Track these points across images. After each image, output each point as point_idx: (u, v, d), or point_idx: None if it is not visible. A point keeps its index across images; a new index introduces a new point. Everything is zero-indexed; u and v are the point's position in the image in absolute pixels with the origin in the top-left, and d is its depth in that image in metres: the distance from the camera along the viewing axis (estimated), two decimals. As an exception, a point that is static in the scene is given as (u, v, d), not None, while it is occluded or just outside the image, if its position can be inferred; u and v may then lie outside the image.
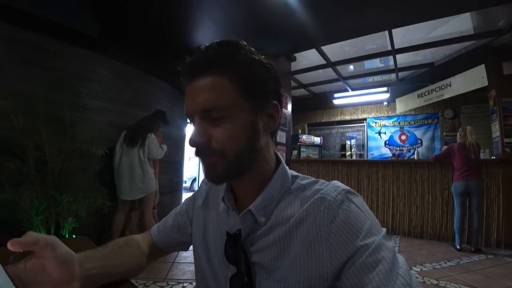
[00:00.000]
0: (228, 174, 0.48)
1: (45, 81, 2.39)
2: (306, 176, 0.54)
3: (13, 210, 2.08)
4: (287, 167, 0.55)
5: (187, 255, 2.80)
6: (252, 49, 0.49)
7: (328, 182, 0.50)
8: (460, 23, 3.48)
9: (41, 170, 2.21)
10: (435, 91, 4.95)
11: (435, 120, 6.11)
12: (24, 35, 2.43)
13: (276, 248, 0.47)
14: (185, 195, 5.33)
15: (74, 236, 2.34)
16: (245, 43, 0.49)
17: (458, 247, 3.29)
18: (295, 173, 0.55)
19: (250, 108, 0.47)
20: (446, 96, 4.75)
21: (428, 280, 2.41)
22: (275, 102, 0.50)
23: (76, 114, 2.43)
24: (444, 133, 5.86)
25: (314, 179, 0.53)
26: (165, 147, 3.12)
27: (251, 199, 0.50)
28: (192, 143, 0.46)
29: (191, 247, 0.67)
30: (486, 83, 3.97)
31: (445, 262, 2.89)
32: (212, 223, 0.60)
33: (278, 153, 0.56)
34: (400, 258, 0.41)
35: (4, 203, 2.01)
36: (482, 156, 3.58)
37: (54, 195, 2.18)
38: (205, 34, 3.25)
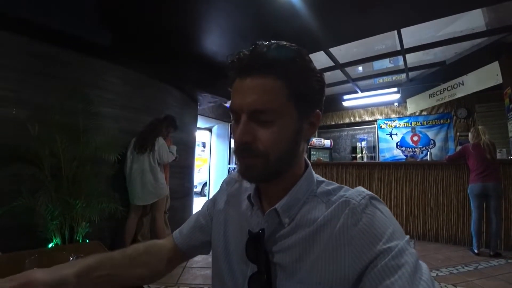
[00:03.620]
0: (266, 176, 0.49)
1: (59, 90, 2.47)
2: (331, 181, 0.55)
3: (30, 216, 2.15)
4: (313, 172, 0.55)
5: (199, 260, 2.81)
6: (309, 57, 0.50)
7: (352, 189, 0.51)
8: (471, 20, 3.40)
9: (56, 177, 2.28)
10: (447, 90, 4.83)
11: (448, 120, 5.96)
12: (39, 47, 2.53)
13: (298, 249, 0.47)
14: (196, 200, 5.36)
15: (87, 240, 2.39)
16: (305, 50, 0.49)
17: (476, 251, 3.18)
18: (320, 178, 0.56)
19: (298, 115, 0.48)
20: (459, 95, 4.64)
21: (445, 286, 2.33)
22: (318, 111, 0.51)
23: (89, 122, 2.51)
24: (458, 133, 5.71)
25: (339, 185, 0.53)
26: (174, 148, 3.15)
27: (277, 200, 0.51)
28: (237, 141, 0.47)
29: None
30: (501, 81, 3.85)
31: (463, 267, 2.79)
32: (233, 221, 0.60)
33: (306, 158, 0.57)
34: (423, 264, 0.40)
35: (22, 209, 2.08)
36: (498, 156, 3.47)
37: (68, 200, 2.24)
38: (213, 41, 3.29)
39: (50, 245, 2.23)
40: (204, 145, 9.42)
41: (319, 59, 4.39)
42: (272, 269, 0.48)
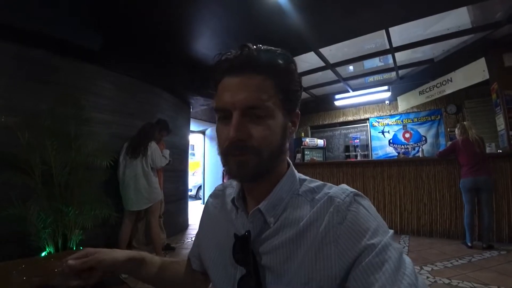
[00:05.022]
0: (258, 172, 0.49)
1: (50, 96, 2.44)
2: (313, 179, 0.55)
3: (22, 224, 2.11)
4: (295, 171, 0.56)
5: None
6: (293, 60, 0.53)
7: (336, 186, 0.51)
8: (457, 18, 3.47)
9: (47, 184, 2.24)
10: (436, 87, 4.91)
11: (439, 116, 6.05)
12: (29, 52, 2.49)
13: (285, 250, 0.47)
14: (191, 204, 5.33)
15: (81, 248, 2.35)
16: (289, 54, 0.53)
17: (469, 244, 3.23)
18: (303, 176, 0.56)
19: (283, 113, 0.51)
20: (448, 91, 4.72)
21: (440, 280, 2.36)
22: (297, 111, 0.55)
23: (80, 128, 2.47)
24: (448, 129, 5.79)
25: (322, 182, 0.54)
26: (167, 152, 3.12)
27: (261, 200, 0.51)
28: (231, 138, 0.47)
29: None
30: (487, 77, 3.94)
31: (457, 260, 2.83)
32: (220, 227, 0.61)
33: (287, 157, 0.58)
34: (407, 258, 0.41)
35: (13, 217, 2.04)
36: (488, 150, 3.54)
37: (60, 208, 2.21)
38: (204, 44, 3.29)
39: (43, 254, 2.19)
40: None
41: (309, 59, 4.42)
42: (260, 272, 0.48)
